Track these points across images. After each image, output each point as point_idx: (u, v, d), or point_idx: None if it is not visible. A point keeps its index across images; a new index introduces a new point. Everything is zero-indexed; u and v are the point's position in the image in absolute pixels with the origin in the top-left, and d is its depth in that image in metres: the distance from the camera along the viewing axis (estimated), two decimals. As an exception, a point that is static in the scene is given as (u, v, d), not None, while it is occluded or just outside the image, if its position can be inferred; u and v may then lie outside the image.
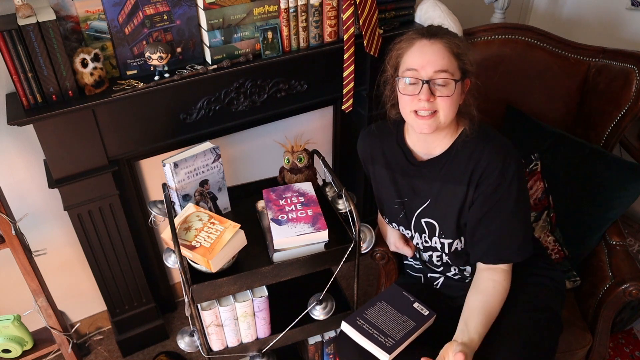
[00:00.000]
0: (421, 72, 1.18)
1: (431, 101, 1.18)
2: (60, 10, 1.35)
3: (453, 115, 1.22)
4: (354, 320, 1.26)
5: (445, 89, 1.18)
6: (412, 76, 1.19)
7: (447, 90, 1.18)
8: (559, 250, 1.61)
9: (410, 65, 1.20)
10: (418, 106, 1.20)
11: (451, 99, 1.19)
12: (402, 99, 1.23)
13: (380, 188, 1.42)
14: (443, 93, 1.18)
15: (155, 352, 1.94)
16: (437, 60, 1.18)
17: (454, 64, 1.19)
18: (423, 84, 1.18)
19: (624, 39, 2.14)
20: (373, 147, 1.41)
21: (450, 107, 1.20)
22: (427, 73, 1.18)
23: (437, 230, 1.32)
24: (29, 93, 1.33)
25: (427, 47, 1.19)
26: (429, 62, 1.18)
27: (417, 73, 1.19)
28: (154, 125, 1.56)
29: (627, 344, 1.92)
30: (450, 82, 1.18)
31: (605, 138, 1.70)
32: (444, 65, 1.18)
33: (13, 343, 1.57)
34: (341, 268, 1.38)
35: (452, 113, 1.21)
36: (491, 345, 1.20)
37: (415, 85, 1.20)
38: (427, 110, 1.19)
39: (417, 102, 1.20)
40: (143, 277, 1.80)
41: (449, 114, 1.21)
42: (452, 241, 1.32)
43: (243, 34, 1.55)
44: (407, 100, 1.22)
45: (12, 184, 1.60)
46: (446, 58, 1.18)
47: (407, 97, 1.21)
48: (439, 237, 1.33)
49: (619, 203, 1.54)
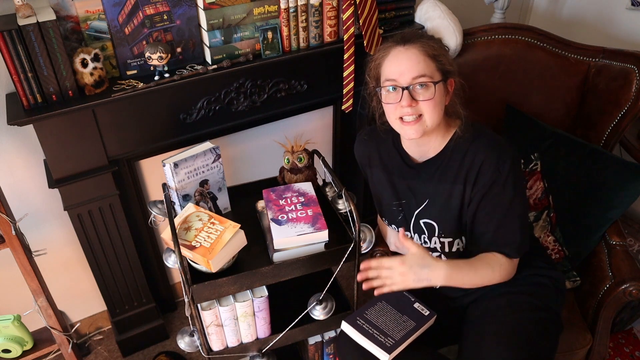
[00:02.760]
0: (400, 80, 1.21)
1: (413, 106, 1.20)
2: (60, 10, 1.35)
3: (439, 117, 1.24)
4: (354, 319, 1.26)
5: (426, 92, 1.20)
6: (392, 84, 1.21)
7: (428, 94, 1.20)
8: (559, 250, 1.61)
9: (389, 75, 1.23)
10: (402, 112, 1.22)
11: (433, 101, 1.20)
12: (386, 108, 1.26)
13: (379, 190, 1.44)
14: (424, 97, 1.20)
15: (155, 352, 1.94)
16: (414, 66, 1.20)
17: (431, 67, 1.21)
18: (403, 91, 1.20)
19: (624, 39, 2.14)
20: (370, 150, 1.44)
21: (434, 110, 1.21)
22: (405, 80, 1.20)
23: (436, 230, 1.32)
24: (29, 93, 1.33)
25: (402, 54, 1.21)
26: (406, 68, 1.20)
27: (396, 82, 1.21)
28: (154, 125, 1.56)
29: (627, 344, 1.92)
30: (430, 85, 1.20)
31: (605, 138, 1.70)
32: (420, 70, 1.19)
33: (13, 343, 1.57)
34: (341, 268, 1.38)
35: (438, 115, 1.23)
36: (491, 345, 1.20)
37: (396, 93, 1.22)
38: (412, 115, 1.21)
39: (401, 109, 1.22)
40: (143, 277, 1.80)
41: (434, 117, 1.22)
42: (452, 240, 1.32)
43: (243, 34, 1.55)
44: (391, 109, 1.25)
45: (12, 184, 1.60)
46: (422, 62, 1.20)
47: (391, 105, 1.24)
48: (439, 237, 1.33)
49: (619, 203, 1.54)
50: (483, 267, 1.25)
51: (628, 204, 1.54)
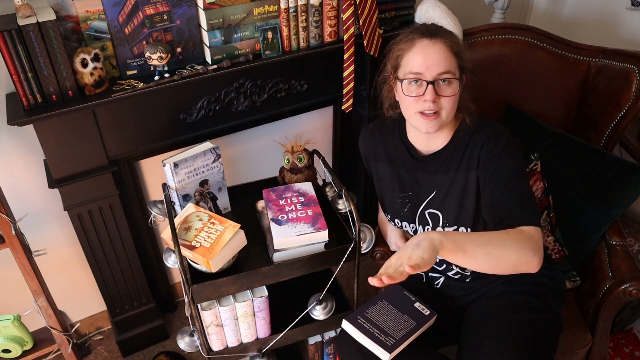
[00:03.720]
0: (426, 74, 1.19)
1: (436, 101, 1.19)
2: (60, 10, 1.35)
3: (454, 113, 1.24)
4: (355, 318, 1.26)
5: (450, 89, 1.19)
6: (416, 77, 1.19)
7: (451, 90, 1.19)
8: (559, 250, 1.61)
9: (414, 67, 1.20)
10: (423, 107, 1.20)
11: (454, 97, 1.20)
12: (406, 100, 1.23)
13: (383, 184, 1.43)
14: (447, 92, 1.19)
15: (155, 352, 1.94)
16: (441, 62, 1.18)
17: (454, 63, 1.20)
18: (428, 85, 1.18)
19: (624, 39, 2.14)
20: (375, 144, 1.43)
21: (453, 106, 1.22)
22: (431, 74, 1.18)
23: (440, 220, 1.33)
24: (29, 93, 1.33)
25: (429, 47, 1.19)
26: (433, 63, 1.18)
27: (421, 75, 1.19)
28: (154, 125, 1.56)
29: (627, 344, 1.92)
30: (454, 81, 1.19)
31: (605, 138, 1.70)
32: (446, 65, 1.18)
33: (13, 343, 1.57)
34: (341, 268, 1.38)
35: (454, 111, 1.23)
36: (491, 345, 1.20)
37: (419, 86, 1.20)
38: (432, 110, 1.20)
39: (423, 103, 1.20)
40: (143, 277, 1.80)
41: (451, 112, 1.22)
42: (456, 228, 1.32)
43: (243, 34, 1.55)
44: (411, 102, 1.22)
45: (12, 184, 1.60)
46: (448, 58, 1.19)
47: (411, 98, 1.21)
48: (443, 227, 1.33)
49: (619, 203, 1.54)
50: (494, 234, 1.12)
51: (628, 204, 1.54)
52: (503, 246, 1.08)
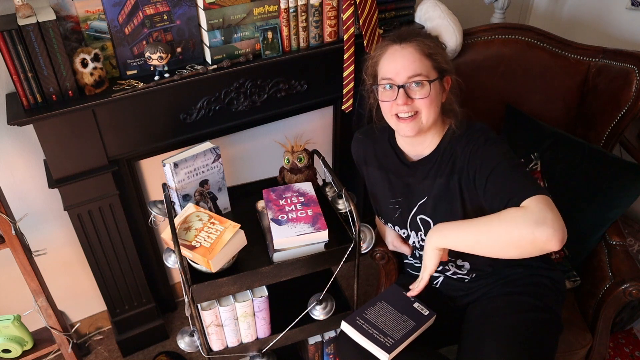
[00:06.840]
0: (396, 78, 1.22)
1: (409, 104, 1.22)
2: (60, 10, 1.35)
3: (435, 115, 1.25)
4: (354, 319, 1.26)
5: (422, 91, 1.21)
6: (388, 83, 1.23)
7: (424, 92, 1.21)
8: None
9: (385, 73, 1.24)
10: (398, 110, 1.23)
11: (429, 99, 1.22)
12: (383, 105, 1.28)
13: (375, 189, 1.45)
14: (420, 95, 1.22)
15: (155, 352, 1.94)
16: (409, 65, 1.21)
17: (427, 65, 1.22)
18: (399, 89, 1.21)
19: (624, 39, 2.14)
20: (366, 149, 1.46)
21: (430, 107, 1.23)
22: (401, 79, 1.21)
23: (431, 226, 1.32)
24: (29, 93, 1.33)
25: (398, 52, 1.23)
26: (402, 67, 1.21)
27: (392, 80, 1.22)
28: (154, 125, 1.56)
29: (627, 344, 1.92)
30: (425, 83, 1.21)
31: (605, 138, 1.70)
32: (415, 69, 1.20)
33: (13, 343, 1.57)
34: (341, 268, 1.38)
35: (434, 113, 1.24)
36: (490, 345, 1.20)
37: (392, 91, 1.23)
38: (407, 113, 1.23)
39: (397, 107, 1.23)
40: (143, 277, 1.80)
41: (430, 114, 1.23)
42: None
43: (243, 34, 1.55)
44: (387, 107, 1.26)
45: (12, 184, 1.60)
46: (417, 61, 1.21)
47: (387, 103, 1.25)
48: None
49: (619, 203, 1.54)
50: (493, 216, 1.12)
51: (628, 204, 1.54)
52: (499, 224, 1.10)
